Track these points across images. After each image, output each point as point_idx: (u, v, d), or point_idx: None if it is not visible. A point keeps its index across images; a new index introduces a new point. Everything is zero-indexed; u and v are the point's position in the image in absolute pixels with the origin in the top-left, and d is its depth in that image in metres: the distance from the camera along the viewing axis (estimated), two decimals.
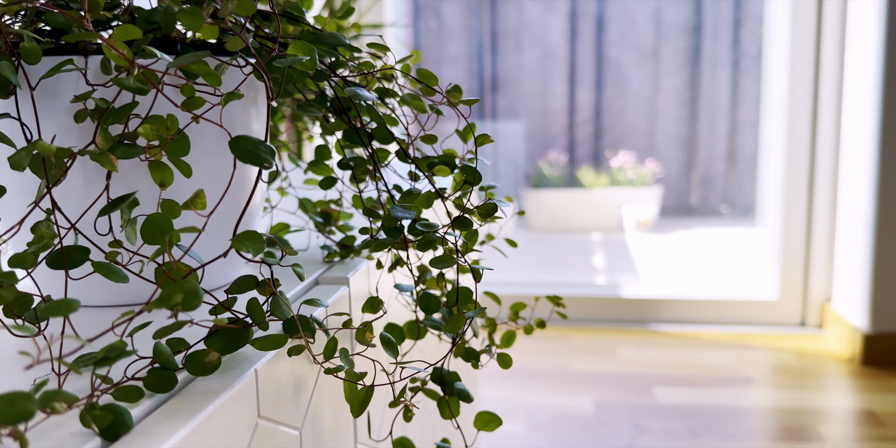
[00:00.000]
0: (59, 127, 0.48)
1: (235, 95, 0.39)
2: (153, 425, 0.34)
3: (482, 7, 5.16)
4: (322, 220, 0.70)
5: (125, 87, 0.39)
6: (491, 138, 0.53)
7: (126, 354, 0.33)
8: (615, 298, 2.36)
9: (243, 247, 0.37)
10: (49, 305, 0.32)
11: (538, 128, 5.20)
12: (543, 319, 0.68)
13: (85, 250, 0.42)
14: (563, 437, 1.55)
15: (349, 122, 0.56)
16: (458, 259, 0.52)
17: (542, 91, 5.17)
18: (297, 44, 0.43)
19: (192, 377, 0.40)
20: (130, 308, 0.53)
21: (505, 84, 5.18)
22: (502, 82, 5.18)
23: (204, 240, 0.53)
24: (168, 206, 0.42)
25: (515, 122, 5.17)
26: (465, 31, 5.17)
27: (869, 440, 1.51)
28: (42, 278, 0.53)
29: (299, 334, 0.44)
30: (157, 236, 0.38)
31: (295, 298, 0.57)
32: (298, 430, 0.48)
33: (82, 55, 0.47)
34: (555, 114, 5.18)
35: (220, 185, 0.52)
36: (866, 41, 1.92)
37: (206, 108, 0.45)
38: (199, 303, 0.32)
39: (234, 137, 0.36)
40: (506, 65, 5.17)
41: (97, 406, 0.33)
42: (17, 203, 0.51)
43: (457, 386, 0.53)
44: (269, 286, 0.42)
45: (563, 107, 5.18)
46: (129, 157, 0.41)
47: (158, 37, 0.49)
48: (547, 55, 5.14)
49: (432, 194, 0.55)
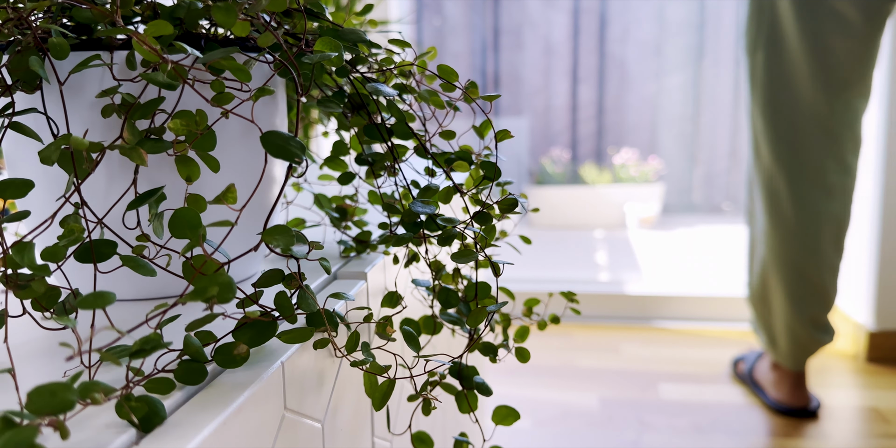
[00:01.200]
0: (83, 122, 0.48)
1: (266, 91, 0.40)
2: (185, 416, 0.34)
3: (485, 4, 5.15)
4: (338, 215, 0.70)
5: (155, 83, 0.40)
6: (511, 134, 0.54)
7: (162, 346, 0.33)
8: (619, 295, 2.37)
9: (273, 241, 0.37)
10: (85, 298, 0.32)
11: (541, 125, 5.20)
12: (557, 315, 0.69)
13: (112, 244, 0.42)
14: (568, 434, 1.55)
15: (369, 118, 0.56)
16: (479, 254, 0.52)
17: (544, 88, 5.17)
18: (324, 40, 0.44)
19: (219, 370, 0.41)
20: (154, 302, 0.53)
21: (507, 81, 5.18)
22: (505, 79, 5.18)
23: (230, 234, 0.54)
24: (195, 201, 0.42)
25: (518, 119, 5.17)
26: (467, 28, 5.17)
27: (873, 437, 1.51)
28: (67, 272, 0.53)
29: (324, 327, 0.44)
30: (186, 230, 0.38)
31: (314, 292, 0.57)
32: (321, 422, 0.48)
33: (108, 50, 0.48)
34: (557, 111, 5.18)
35: (242, 179, 0.53)
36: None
37: (235, 104, 0.45)
38: (233, 295, 0.33)
39: (265, 133, 0.37)
40: (508, 62, 5.17)
41: (132, 397, 0.33)
42: (40, 198, 0.51)
43: (476, 380, 0.54)
44: (295, 280, 0.43)
45: (566, 104, 5.18)
46: (157, 151, 0.42)
47: (180, 32, 0.50)
48: (549, 52, 5.14)
49: (451, 190, 0.56)
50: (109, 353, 0.37)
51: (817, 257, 1.51)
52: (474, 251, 0.51)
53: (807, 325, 1.57)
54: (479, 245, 0.54)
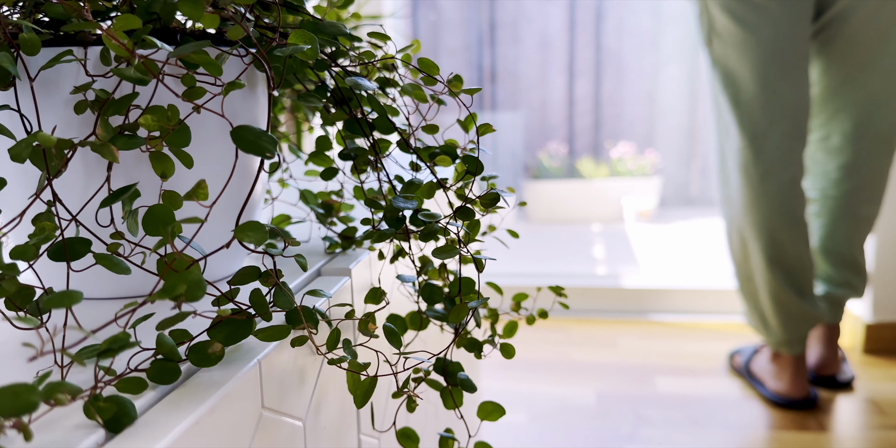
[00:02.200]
0: (59, 118, 0.48)
1: (236, 85, 0.39)
2: (157, 417, 0.34)
3: None
4: (323, 211, 0.70)
5: (125, 78, 0.39)
6: (493, 127, 0.53)
7: (129, 346, 0.33)
8: (616, 289, 2.36)
9: (246, 237, 0.37)
10: (52, 297, 0.32)
11: (537, 119, 5.19)
12: (545, 310, 0.68)
13: (86, 242, 0.42)
14: (565, 428, 1.55)
15: (350, 113, 0.56)
16: (461, 249, 0.51)
17: (540, 82, 5.16)
18: (297, 33, 0.43)
19: (195, 368, 0.40)
20: (129, 301, 0.53)
21: (504, 75, 5.17)
22: (501, 74, 5.17)
23: (207, 231, 0.53)
24: (169, 197, 0.42)
25: (514, 114, 5.16)
26: (463, 23, 5.16)
27: (871, 429, 1.51)
28: (44, 271, 0.53)
29: (302, 325, 0.44)
30: (159, 227, 0.38)
31: (298, 289, 0.57)
32: (302, 420, 0.48)
33: (82, 46, 0.47)
34: (554, 105, 5.17)
35: (221, 175, 0.52)
36: None
37: (206, 99, 0.45)
38: (202, 293, 0.32)
39: (235, 127, 0.36)
40: (504, 56, 5.16)
41: (101, 398, 0.32)
42: (17, 195, 0.50)
43: (460, 376, 0.53)
44: (271, 277, 0.42)
45: (563, 98, 5.17)
46: (130, 148, 0.41)
47: (158, 27, 0.49)
48: (545, 46, 5.13)
49: (434, 184, 0.55)
50: (79, 352, 0.36)
51: (786, 219, 1.58)
52: (456, 247, 0.50)
53: (790, 291, 1.60)
54: (463, 241, 0.53)
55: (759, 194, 1.58)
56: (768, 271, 1.60)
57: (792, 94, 1.53)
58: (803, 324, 1.63)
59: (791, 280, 1.61)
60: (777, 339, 1.65)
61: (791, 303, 1.61)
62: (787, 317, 1.63)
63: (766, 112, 1.54)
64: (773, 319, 1.64)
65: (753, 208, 1.59)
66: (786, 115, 1.54)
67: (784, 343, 1.64)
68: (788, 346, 1.64)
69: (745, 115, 1.56)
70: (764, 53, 1.51)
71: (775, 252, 1.59)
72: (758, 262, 1.62)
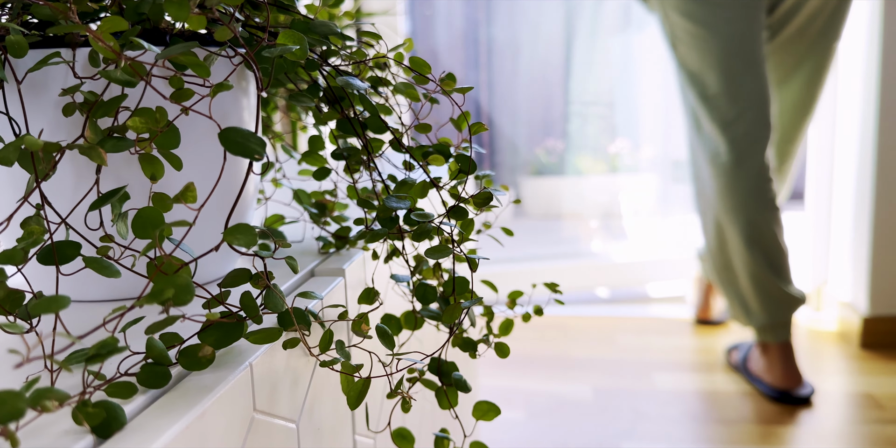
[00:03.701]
0: (48, 121, 0.47)
1: (224, 86, 0.39)
2: (147, 421, 0.34)
3: None
4: (317, 211, 0.69)
5: (113, 80, 0.39)
6: (485, 126, 0.53)
7: (118, 350, 0.33)
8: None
9: (235, 240, 0.36)
10: (39, 302, 0.31)
11: (536, 115, 5.17)
12: (541, 307, 0.68)
13: (76, 245, 0.41)
14: (563, 424, 1.55)
15: (342, 112, 0.55)
16: (454, 249, 0.51)
17: (539, 78, 5.15)
18: (286, 33, 0.43)
19: (186, 372, 0.40)
20: (123, 303, 0.53)
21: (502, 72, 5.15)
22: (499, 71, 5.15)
23: (198, 233, 0.53)
24: (159, 200, 0.41)
25: (513, 111, 5.15)
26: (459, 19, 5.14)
27: (868, 423, 1.51)
28: (33, 274, 0.53)
29: (294, 327, 0.44)
30: (149, 230, 0.37)
31: (291, 289, 0.56)
32: (295, 423, 0.48)
33: (70, 48, 0.47)
34: (552, 101, 5.16)
35: (211, 177, 0.52)
36: (864, 19, 1.92)
37: (195, 100, 0.44)
38: (190, 297, 0.32)
39: (223, 129, 0.36)
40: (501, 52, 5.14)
41: (89, 403, 0.32)
42: (6, 199, 0.50)
43: (454, 376, 0.53)
44: (262, 279, 0.42)
45: (560, 93, 5.15)
46: (119, 150, 0.41)
47: (148, 28, 0.49)
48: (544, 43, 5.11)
49: (427, 184, 0.55)
50: (67, 358, 0.36)
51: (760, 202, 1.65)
52: (449, 247, 0.50)
53: (768, 272, 1.64)
54: (456, 240, 0.53)
55: (733, 180, 1.64)
56: (747, 252, 1.65)
57: (755, 85, 1.61)
58: (783, 306, 1.67)
59: (769, 261, 1.65)
60: (761, 324, 1.68)
61: (770, 283, 1.65)
62: (767, 298, 1.67)
63: (734, 104, 1.62)
64: (754, 302, 1.68)
65: (728, 194, 1.65)
66: (751, 105, 1.61)
67: (768, 329, 1.67)
68: (772, 331, 1.67)
69: (714, 109, 1.64)
70: (725, 50, 1.60)
71: (753, 233, 1.64)
72: (736, 245, 1.68)
